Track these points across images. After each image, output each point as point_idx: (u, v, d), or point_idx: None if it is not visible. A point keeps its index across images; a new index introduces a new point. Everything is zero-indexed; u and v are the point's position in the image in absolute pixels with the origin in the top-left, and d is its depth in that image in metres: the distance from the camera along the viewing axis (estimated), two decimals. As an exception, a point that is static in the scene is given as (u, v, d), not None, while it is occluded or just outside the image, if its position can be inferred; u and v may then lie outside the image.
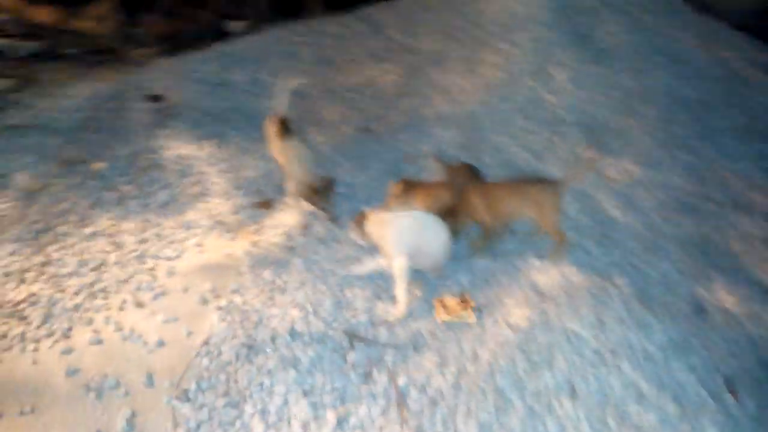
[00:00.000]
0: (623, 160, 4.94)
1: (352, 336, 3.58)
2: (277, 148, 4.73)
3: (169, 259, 4.28)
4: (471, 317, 3.62)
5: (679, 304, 3.94)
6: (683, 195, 4.80)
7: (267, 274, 4.09)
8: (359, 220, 4.03)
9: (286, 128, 4.71)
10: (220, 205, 4.78)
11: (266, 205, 4.85)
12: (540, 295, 3.76)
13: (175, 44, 7.32)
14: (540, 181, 3.99)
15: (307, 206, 4.69)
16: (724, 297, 4.07)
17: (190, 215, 4.68)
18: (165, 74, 6.49)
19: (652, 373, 3.20)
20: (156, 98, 6.16)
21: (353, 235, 4.06)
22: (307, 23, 7.28)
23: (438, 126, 5.27)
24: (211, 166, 5.16)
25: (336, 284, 3.97)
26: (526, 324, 3.49)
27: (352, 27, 7.03)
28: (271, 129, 4.80)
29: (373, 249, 4.15)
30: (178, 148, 5.34)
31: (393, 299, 3.83)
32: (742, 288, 4.09)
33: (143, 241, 4.41)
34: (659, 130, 5.15)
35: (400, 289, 3.72)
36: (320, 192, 4.45)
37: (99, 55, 7.25)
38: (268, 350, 3.45)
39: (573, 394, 3.08)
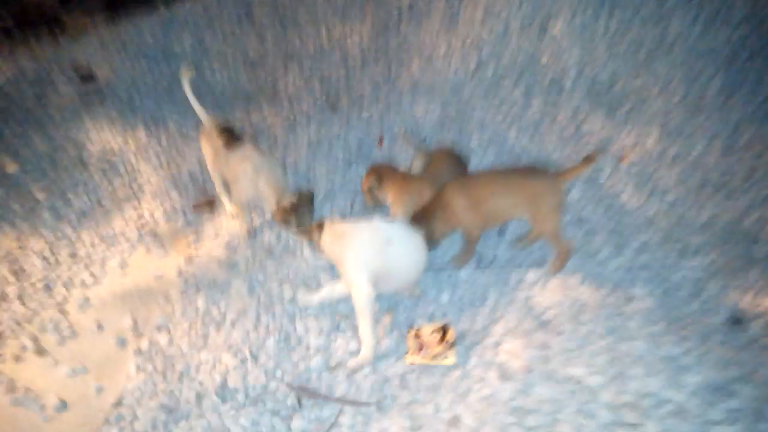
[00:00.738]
0: (636, 131, 4.06)
1: (300, 391, 2.82)
2: (224, 164, 3.61)
3: (84, 286, 3.52)
4: (450, 358, 2.85)
5: (710, 318, 3.15)
6: (710, 171, 3.94)
7: (201, 301, 3.33)
8: (314, 231, 3.22)
9: (231, 136, 3.61)
10: (152, 210, 3.98)
11: (208, 205, 4.05)
12: (539, 321, 2.97)
13: (117, 9, 6.34)
14: (537, 172, 3.14)
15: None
16: (764, 302, 3.27)
17: (116, 225, 3.89)
18: (100, 46, 5.57)
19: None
20: (86, 77, 5.27)
21: (310, 248, 3.30)
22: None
23: (414, 98, 4.37)
24: (144, 161, 4.33)
25: (284, 313, 3.20)
26: (520, 367, 2.71)
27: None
28: (207, 144, 3.70)
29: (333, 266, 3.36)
30: (106, 139, 4.50)
31: (355, 332, 3.06)
32: None
33: (54, 264, 3.64)
34: (678, 90, 4.23)
35: (365, 327, 2.92)
36: (295, 211, 3.36)
37: (30, 26, 6.28)
38: (190, 418, 2.71)
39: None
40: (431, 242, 3.38)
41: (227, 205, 3.84)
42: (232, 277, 3.48)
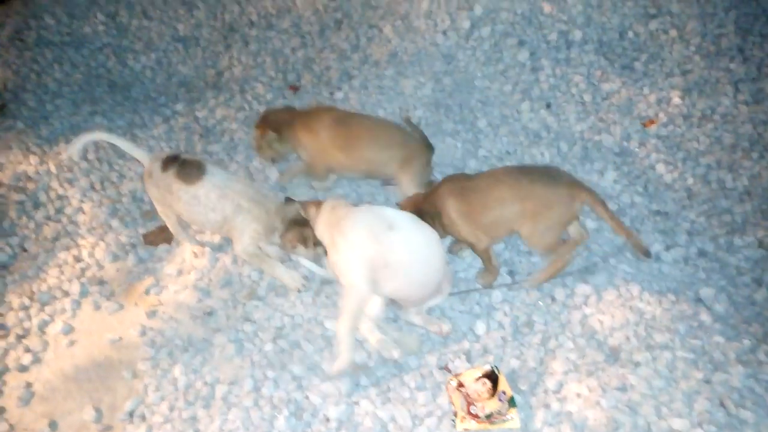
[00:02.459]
0: (656, 87, 3.50)
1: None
2: (184, 203, 2.81)
3: (21, 368, 2.74)
4: (514, 420, 2.29)
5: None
6: (741, 125, 3.45)
7: (178, 371, 2.63)
8: (309, 208, 2.67)
9: (183, 166, 2.80)
10: (91, 249, 3.18)
11: (163, 235, 3.27)
12: (606, 350, 2.45)
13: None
14: (552, 178, 2.52)
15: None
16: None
17: (49, 276, 3.09)
18: (-12, 37, 4.50)
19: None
20: (-23, 80, 4.23)
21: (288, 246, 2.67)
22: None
23: (397, 70, 3.62)
24: (70, 185, 3.47)
25: (289, 378, 2.54)
26: (602, 420, 2.18)
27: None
28: (152, 186, 2.88)
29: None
30: (16, 162, 3.58)
31: (381, 389, 2.46)
32: None
33: (-25, 344, 2.82)
34: (694, 32, 3.66)
35: (345, 329, 2.46)
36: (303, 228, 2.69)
37: None
38: None
39: None
40: None
41: (188, 244, 3.09)
42: (212, 331, 2.78)
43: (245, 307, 2.85)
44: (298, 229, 2.66)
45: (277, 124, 3.13)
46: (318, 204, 2.66)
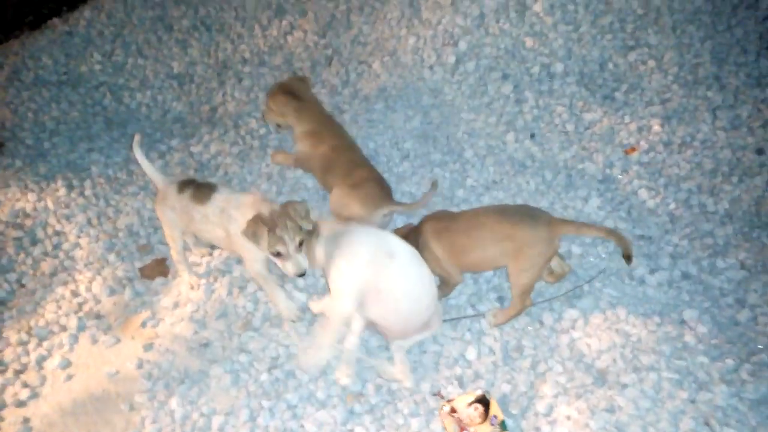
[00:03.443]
0: (638, 115, 3.62)
1: None
2: (199, 223, 2.86)
3: (19, 404, 2.77)
4: (505, 447, 2.34)
5: (765, 327, 2.79)
6: (720, 151, 3.56)
7: (175, 403, 2.66)
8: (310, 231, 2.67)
9: (202, 188, 2.88)
10: (88, 284, 3.23)
11: (159, 267, 3.33)
12: (594, 372, 2.51)
13: (0, 23, 5.29)
14: (531, 217, 2.59)
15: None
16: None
17: (46, 311, 3.13)
18: (-14, 77, 4.60)
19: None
20: (-25, 120, 4.32)
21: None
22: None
23: (386, 104, 3.72)
24: (67, 221, 3.53)
25: (285, 408, 2.58)
26: (590, 444, 2.23)
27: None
28: (166, 208, 2.94)
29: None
30: (14, 199, 3.65)
31: (375, 414, 2.51)
32: None
33: (-27, 379, 2.85)
34: (672, 62, 3.80)
35: (325, 340, 2.59)
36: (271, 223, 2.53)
37: None
38: None
39: None
40: None
41: (185, 275, 3.15)
42: (208, 362, 2.82)
43: (240, 337, 2.89)
44: (259, 224, 2.50)
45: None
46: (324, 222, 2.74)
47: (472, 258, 2.65)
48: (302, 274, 2.57)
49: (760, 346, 2.61)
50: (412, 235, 2.76)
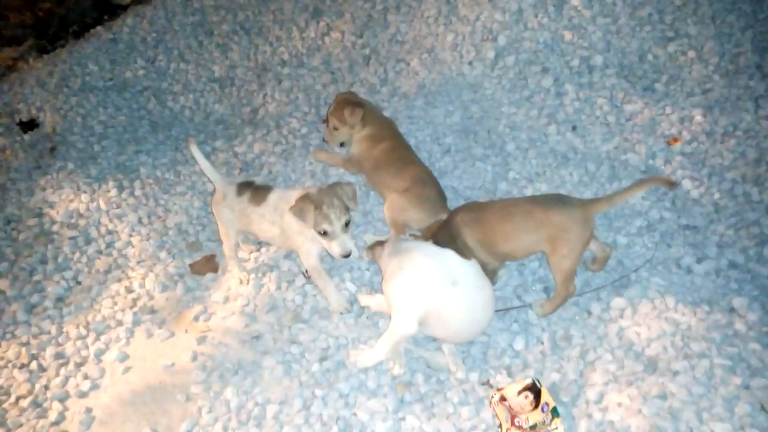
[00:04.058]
0: (680, 106, 3.60)
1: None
2: (257, 223, 3.00)
3: (81, 396, 2.89)
4: (558, 428, 2.36)
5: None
6: (763, 139, 3.52)
7: (230, 393, 2.75)
8: (375, 248, 2.83)
9: (259, 190, 3.02)
10: (141, 280, 3.34)
11: (209, 263, 3.43)
12: (644, 360, 2.51)
13: (44, 36, 5.49)
14: (563, 202, 2.61)
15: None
16: None
17: (102, 307, 3.25)
18: (37, 85, 4.76)
19: None
20: (27, 124, 4.50)
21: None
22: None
23: (426, 100, 3.78)
24: (119, 220, 3.65)
25: (337, 396, 2.64)
26: (642, 429, 2.24)
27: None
28: (224, 209, 3.06)
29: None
30: (68, 200, 3.79)
31: (425, 403, 2.55)
32: None
33: (38, 371, 2.98)
34: (712, 52, 3.77)
35: (382, 348, 2.65)
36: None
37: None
38: None
39: None
40: None
41: (235, 270, 3.24)
42: (260, 354, 2.90)
43: (291, 330, 2.97)
44: (306, 201, 2.59)
45: None
46: (380, 244, 2.82)
47: (505, 248, 2.69)
48: (347, 255, 2.62)
49: (813, 334, 2.59)
50: (443, 228, 2.80)
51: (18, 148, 4.28)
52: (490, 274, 2.84)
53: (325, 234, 2.61)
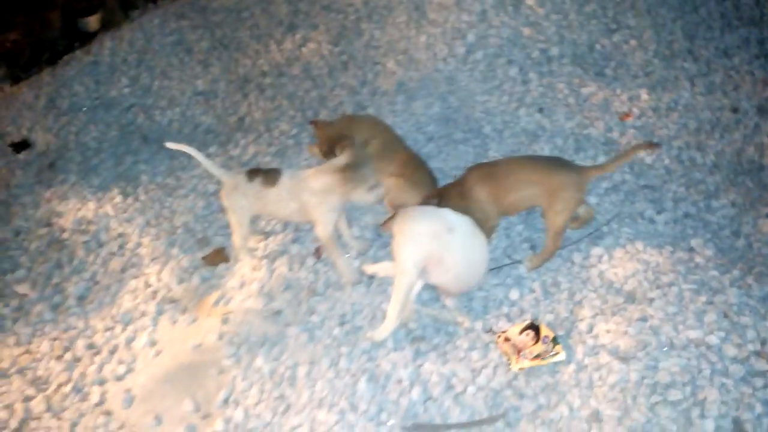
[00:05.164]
0: (626, 87, 4.12)
1: (418, 429, 2.62)
2: (274, 204, 3.26)
3: (118, 379, 3.09)
4: (561, 353, 2.73)
5: (761, 250, 3.26)
6: (701, 112, 4.07)
7: (260, 361, 3.01)
8: (388, 221, 3.06)
9: (270, 173, 3.28)
10: (158, 275, 3.56)
11: (219, 255, 3.68)
12: (624, 294, 2.93)
13: (16, 65, 5.62)
14: (563, 164, 3.05)
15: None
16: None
17: (124, 301, 3.45)
18: (25, 108, 4.93)
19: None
20: (19, 145, 4.65)
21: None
22: (185, 1, 5.79)
23: (407, 96, 4.17)
24: (128, 224, 3.87)
25: (360, 352, 2.95)
26: (633, 344, 2.65)
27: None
28: (237, 198, 3.29)
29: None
30: (75, 208, 3.99)
31: (439, 351, 2.89)
32: None
33: (73, 361, 3.17)
34: (650, 40, 4.34)
35: (394, 306, 2.88)
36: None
37: None
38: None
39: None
40: None
41: (247, 258, 3.51)
42: (283, 326, 3.18)
43: (308, 302, 3.26)
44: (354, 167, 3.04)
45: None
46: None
47: (511, 198, 3.05)
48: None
49: (757, 262, 3.08)
50: (455, 185, 3.17)
51: (15, 167, 4.43)
52: (491, 229, 3.20)
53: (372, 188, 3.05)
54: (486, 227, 3.15)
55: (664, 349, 2.58)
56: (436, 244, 2.82)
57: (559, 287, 3.09)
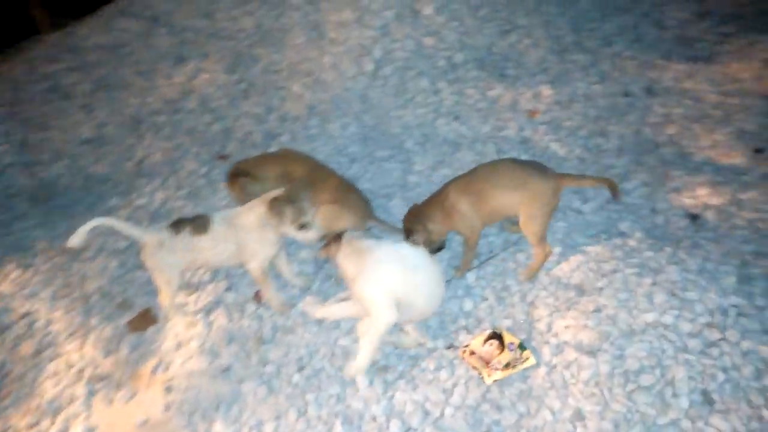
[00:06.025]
0: (528, 85, 4.26)
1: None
2: (207, 252, 3.06)
3: (57, 478, 2.72)
4: (531, 359, 2.74)
5: (678, 223, 3.47)
6: (598, 99, 4.30)
7: (219, 427, 2.78)
8: (332, 243, 2.93)
9: (197, 221, 3.07)
10: (80, 351, 3.19)
11: (147, 318, 3.37)
12: (572, 288, 3.00)
13: None
14: (540, 170, 3.01)
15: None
16: (701, 192, 3.66)
17: (47, 389, 3.06)
18: None
19: None
20: None
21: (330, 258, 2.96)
22: (53, 42, 5.27)
23: (322, 118, 4.04)
24: (32, 299, 3.45)
25: (328, 397, 2.80)
26: (595, 336, 2.72)
27: (120, 28, 5.21)
28: (161, 256, 3.04)
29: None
30: (-37, 293, 3.48)
31: (409, 379, 2.81)
32: (706, 174, 3.70)
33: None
34: (542, 37, 4.52)
35: (369, 345, 2.78)
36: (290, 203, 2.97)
37: None
38: None
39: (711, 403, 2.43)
40: (430, 246, 3.22)
41: (178, 317, 3.24)
42: (237, 383, 2.95)
43: (259, 352, 3.05)
44: (281, 202, 2.94)
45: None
46: (338, 236, 2.93)
47: (493, 204, 2.99)
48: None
49: (680, 235, 3.28)
50: (434, 206, 3.09)
51: None
52: (472, 250, 3.15)
53: (302, 227, 2.83)
54: (471, 241, 3.12)
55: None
56: (404, 287, 2.74)
57: (510, 291, 3.11)
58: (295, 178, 3.38)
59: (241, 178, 3.26)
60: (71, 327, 3.32)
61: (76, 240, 2.90)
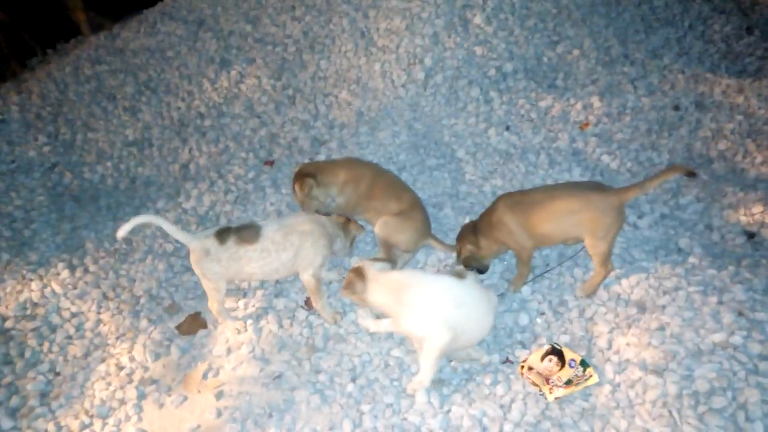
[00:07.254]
0: (578, 96, 4.21)
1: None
2: (247, 263, 3.04)
3: (111, 482, 2.70)
4: (594, 376, 2.68)
5: (735, 240, 3.39)
6: (648, 113, 4.24)
7: (274, 434, 2.74)
8: (355, 280, 2.87)
9: (243, 230, 3.06)
10: (129, 353, 3.18)
11: (197, 322, 3.36)
12: (633, 304, 2.94)
13: None
14: (600, 189, 2.89)
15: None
16: (756, 209, 3.57)
17: (97, 391, 3.05)
18: None
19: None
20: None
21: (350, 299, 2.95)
22: (97, 43, 5.32)
23: (371, 125, 4.02)
24: (81, 300, 3.45)
25: (384, 408, 2.75)
26: (660, 355, 2.65)
27: (164, 32, 5.24)
28: (207, 261, 3.03)
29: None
30: (16, 292, 3.51)
31: (465, 392, 2.75)
32: (760, 190, 3.61)
33: (52, 474, 2.73)
34: (591, 48, 4.47)
35: (430, 363, 2.73)
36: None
37: None
38: None
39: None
40: (481, 263, 3.18)
41: (228, 322, 3.24)
42: (289, 391, 2.92)
43: (311, 361, 3.02)
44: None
45: None
46: (358, 271, 2.88)
47: (545, 229, 2.92)
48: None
49: (740, 253, 3.20)
50: (484, 218, 3.05)
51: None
52: (526, 265, 3.09)
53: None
54: (522, 257, 3.07)
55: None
56: (452, 320, 2.70)
57: (567, 306, 3.06)
58: (359, 187, 3.33)
59: (309, 179, 3.21)
60: (120, 329, 3.31)
61: (123, 232, 2.88)
